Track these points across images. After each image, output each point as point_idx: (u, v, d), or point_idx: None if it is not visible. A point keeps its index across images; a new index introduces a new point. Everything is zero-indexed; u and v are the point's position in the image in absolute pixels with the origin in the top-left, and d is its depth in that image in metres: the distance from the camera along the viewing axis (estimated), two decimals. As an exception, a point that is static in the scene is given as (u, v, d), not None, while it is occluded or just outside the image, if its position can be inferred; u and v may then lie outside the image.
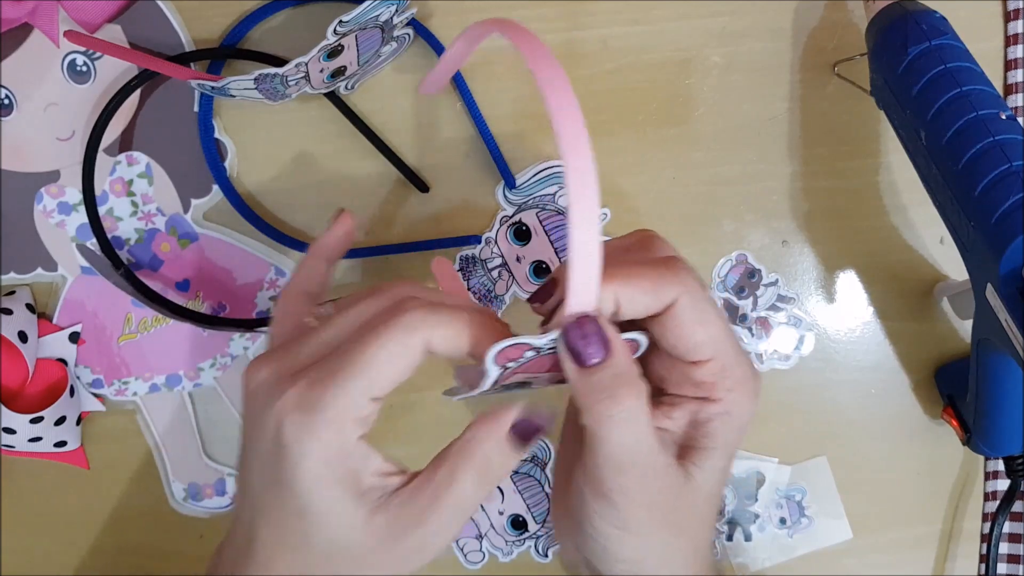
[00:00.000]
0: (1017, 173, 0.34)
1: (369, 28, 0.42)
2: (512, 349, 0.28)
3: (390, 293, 0.31)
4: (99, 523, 0.51)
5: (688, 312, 0.30)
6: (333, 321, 0.31)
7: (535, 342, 0.28)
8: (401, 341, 0.29)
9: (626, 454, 0.29)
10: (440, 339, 0.29)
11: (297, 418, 0.28)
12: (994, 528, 0.47)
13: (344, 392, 0.28)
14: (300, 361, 0.30)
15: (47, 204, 0.48)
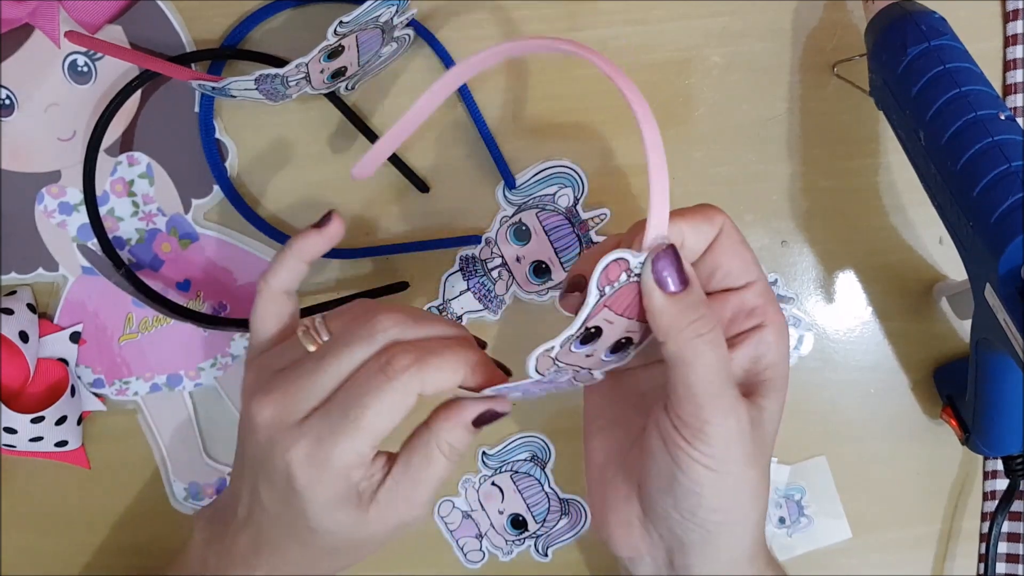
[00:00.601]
0: (1016, 173, 0.34)
1: (369, 29, 0.42)
2: (613, 266, 0.30)
3: (376, 337, 0.34)
4: (100, 523, 0.51)
5: (734, 233, 0.33)
6: (327, 366, 0.34)
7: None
8: (396, 401, 0.32)
9: (716, 378, 0.31)
10: (432, 387, 0.33)
11: (308, 471, 0.33)
12: (993, 527, 0.47)
13: (349, 449, 0.33)
14: (303, 408, 0.34)
15: (48, 204, 0.48)
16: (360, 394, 0.32)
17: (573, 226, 0.48)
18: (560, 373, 0.33)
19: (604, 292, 0.31)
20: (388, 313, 0.34)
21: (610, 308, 0.31)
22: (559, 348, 0.31)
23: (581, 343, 0.32)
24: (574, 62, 0.47)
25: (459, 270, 0.48)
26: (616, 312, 0.32)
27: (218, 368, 0.49)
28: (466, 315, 0.49)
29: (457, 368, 0.33)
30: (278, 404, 0.34)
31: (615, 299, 0.31)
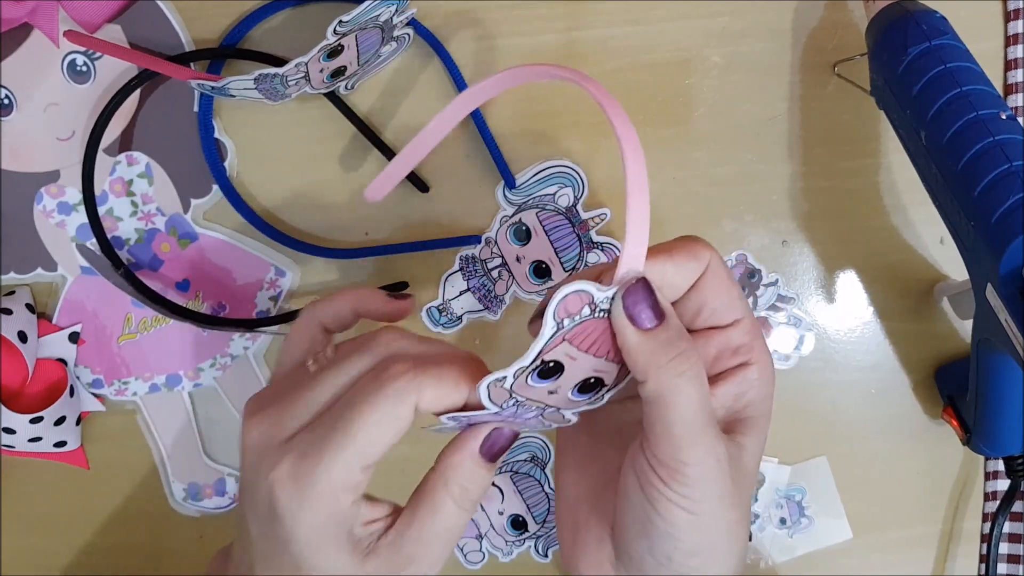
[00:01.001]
0: (1017, 173, 0.34)
1: (369, 28, 0.42)
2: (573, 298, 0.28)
3: (376, 349, 0.32)
4: (99, 523, 0.51)
5: (721, 269, 0.32)
6: (322, 379, 0.31)
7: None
8: (389, 410, 0.29)
9: (696, 417, 0.29)
10: (430, 400, 0.30)
11: (290, 489, 0.29)
12: (994, 528, 0.47)
13: (334, 465, 0.29)
14: (292, 425, 0.31)
15: (47, 204, 0.48)
16: (350, 404, 0.30)
17: (573, 226, 0.48)
18: (524, 409, 0.31)
19: (562, 325, 0.28)
20: (390, 330, 0.33)
21: (571, 343, 0.29)
22: (512, 379, 0.29)
23: (540, 377, 0.30)
24: (574, 62, 0.47)
25: (459, 270, 0.48)
26: (579, 348, 0.30)
27: (217, 368, 0.49)
28: (466, 315, 0.48)
29: (459, 382, 0.30)
30: (267, 422, 0.31)
31: (577, 334, 0.29)
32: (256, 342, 0.49)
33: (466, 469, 0.31)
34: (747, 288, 0.48)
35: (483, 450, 0.31)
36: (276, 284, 0.49)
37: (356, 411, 0.29)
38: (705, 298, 0.31)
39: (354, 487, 0.30)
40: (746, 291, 0.48)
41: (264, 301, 0.49)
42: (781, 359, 0.49)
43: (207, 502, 0.50)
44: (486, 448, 0.31)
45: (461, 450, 0.31)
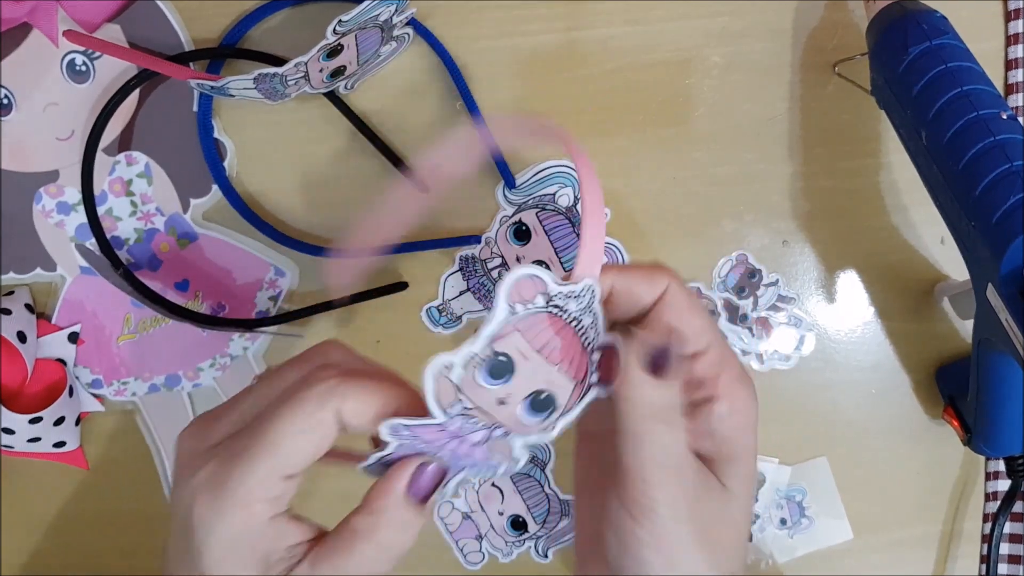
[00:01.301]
0: (1018, 173, 0.34)
1: (369, 28, 0.42)
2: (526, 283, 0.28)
3: (312, 360, 0.31)
4: (98, 523, 0.51)
5: (681, 297, 0.30)
6: (256, 388, 0.30)
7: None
8: (309, 415, 0.28)
9: (669, 456, 0.29)
10: (353, 411, 0.28)
11: (206, 498, 0.28)
12: (995, 529, 0.47)
13: (251, 473, 0.28)
14: (218, 434, 0.30)
15: (46, 204, 0.48)
16: (272, 409, 0.28)
17: (573, 226, 0.48)
18: (470, 423, 0.29)
19: (515, 310, 0.28)
20: (335, 343, 0.32)
21: (524, 336, 0.29)
22: (461, 369, 0.28)
23: (490, 375, 0.28)
24: (574, 62, 0.47)
25: (459, 270, 0.48)
26: (532, 345, 0.29)
27: (217, 368, 0.49)
28: (466, 315, 0.48)
29: (387, 396, 0.28)
30: (198, 430, 0.30)
31: (530, 327, 0.28)
32: (256, 342, 0.49)
33: (391, 516, 0.29)
34: (747, 288, 0.48)
35: (411, 490, 0.29)
36: (276, 284, 0.48)
37: (276, 417, 0.28)
38: (662, 320, 0.30)
39: (273, 499, 0.28)
40: (746, 291, 0.48)
41: (264, 301, 0.49)
42: (782, 359, 0.49)
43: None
44: (413, 488, 0.29)
45: (386, 494, 0.29)
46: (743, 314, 0.48)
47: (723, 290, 0.48)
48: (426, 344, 0.49)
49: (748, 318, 0.48)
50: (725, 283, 0.48)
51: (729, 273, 0.48)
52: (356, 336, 0.49)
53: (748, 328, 0.48)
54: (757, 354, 0.48)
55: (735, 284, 0.48)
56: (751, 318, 0.48)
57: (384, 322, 0.49)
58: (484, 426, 0.29)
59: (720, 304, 0.48)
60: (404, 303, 0.48)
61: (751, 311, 0.48)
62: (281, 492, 0.28)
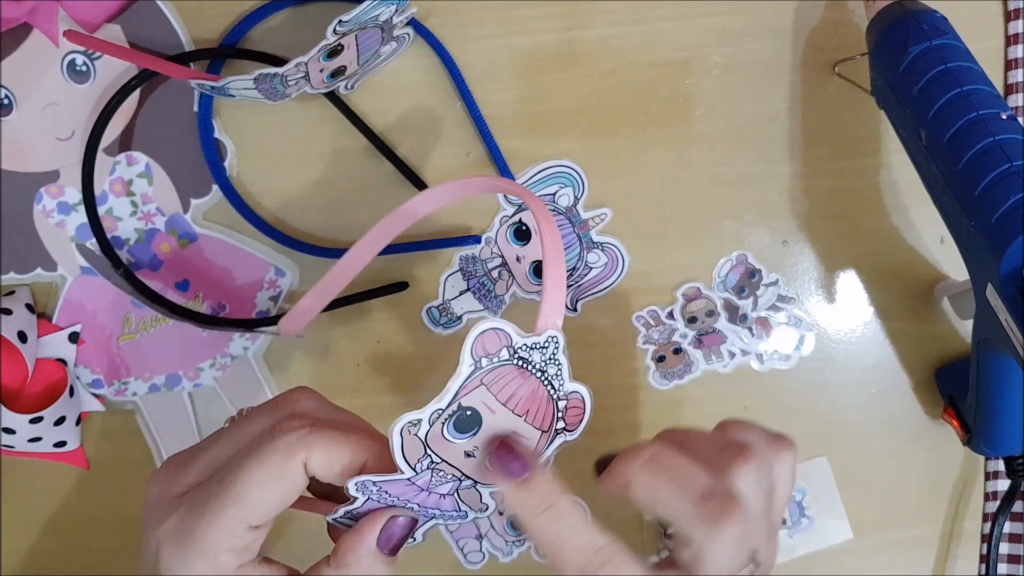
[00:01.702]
0: (1017, 173, 0.34)
1: (369, 28, 0.42)
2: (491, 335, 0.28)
3: (281, 408, 0.31)
4: (98, 523, 0.51)
5: None
6: (224, 435, 0.30)
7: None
8: (276, 466, 0.28)
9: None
10: (320, 463, 0.28)
11: (172, 548, 0.28)
12: (994, 528, 0.47)
13: (217, 523, 0.28)
14: (186, 481, 0.30)
15: (47, 204, 0.48)
16: (239, 458, 0.28)
17: (573, 226, 0.48)
18: (438, 476, 0.30)
19: (480, 364, 0.28)
20: (304, 392, 0.32)
21: (489, 389, 0.29)
22: (428, 425, 0.28)
23: (457, 429, 0.29)
24: (574, 62, 0.47)
25: (459, 270, 0.48)
26: (498, 398, 0.29)
27: (217, 368, 0.49)
28: (466, 315, 0.48)
29: (355, 449, 0.29)
30: (166, 477, 0.30)
31: (495, 380, 0.29)
32: (256, 342, 0.49)
33: (362, 568, 0.29)
34: (747, 288, 0.48)
35: (380, 543, 0.30)
36: (276, 284, 0.48)
37: (242, 468, 0.28)
38: None
39: (240, 549, 0.28)
40: (746, 291, 0.48)
41: (264, 301, 0.49)
42: (781, 359, 0.49)
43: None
44: (384, 540, 0.30)
45: (357, 546, 0.29)
46: (743, 314, 0.48)
47: (723, 290, 0.48)
48: (426, 344, 0.49)
49: (748, 318, 0.48)
50: (725, 283, 0.48)
51: (729, 273, 0.48)
52: (356, 336, 0.49)
53: (748, 328, 0.48)
54: (757, 354, 0.48)
55: (735, 284, 0.48)
56: (751, 318, 0.48)
57: (384, 322, 0.49)
58: (452, 478, 0.30)
59: (720, 304, 0.48)
60: (404, 303, 0.48)
61: (751, 311, 0.48)
62: (248, 542, 0.29)
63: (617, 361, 0.49)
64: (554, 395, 0.31)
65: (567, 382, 0.31)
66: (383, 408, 0.49)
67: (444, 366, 0.49)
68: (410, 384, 0.49)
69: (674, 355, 0.49)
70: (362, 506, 0.30)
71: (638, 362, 0.49)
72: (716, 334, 0.48)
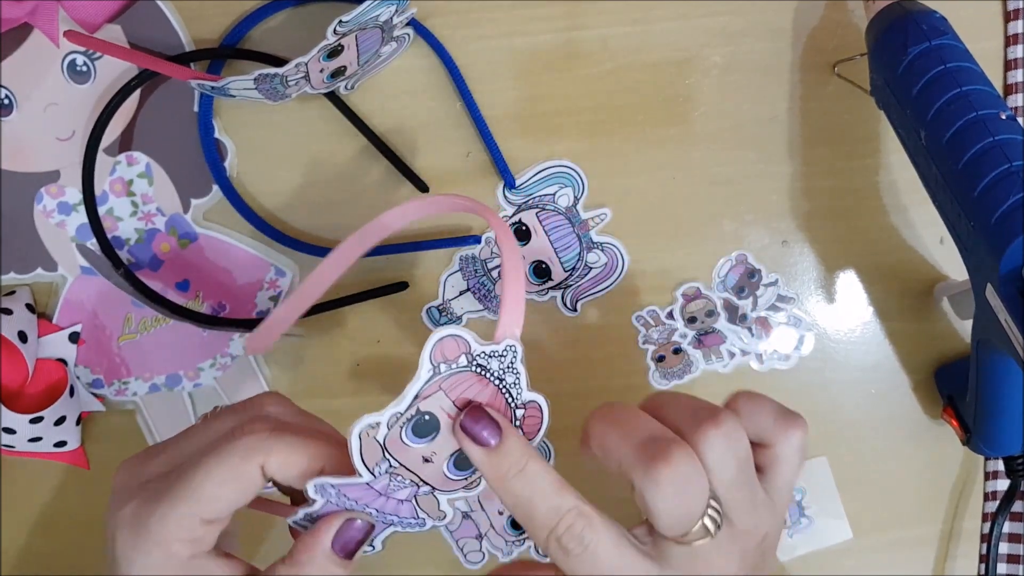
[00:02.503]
0: (1017, 173, 0.34)
1: (369, 28, 0.42)
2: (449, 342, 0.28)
3: (248, 411, 0.31)
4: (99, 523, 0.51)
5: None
6: (191, 432, 0.31)
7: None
8: (232, 467, 0.29)
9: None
10: (278, 465, 0.29)
11: (127, 533, 0.29)
12: (994, 528, 0.47)
13: (171, 514, 0.29)
14: (150, 471, 0.31)
15: (47, 204, 0.48)
16: (200, 455, 0.29)
17: (573, 226, 0.48)
18: (396, 481, 0.30)
19: (439, 370, 0.28)
20: (271, 396, 0.32)
21: (447, 394, 0.29)
22: (387, 428, 0.28)
23: (415, 435, 0.29)
24: (574, 62, 0.47)
25: (459, 270, 0.48)
26: (456, 404, 0.30)
27: (217, 368, 0.49)
28: (466, 315, 0.48)
29: (314, 453, 0.29)
30: (130, 467, 0.32)
31: (453, 387, 0.29)
32: (256, 342, 0.49)
33: (316, 569, 0.30)
34: (747, 288, 0.48)
35: (336, 546, 0.30)
36: (276, 284, 0.49)
37: (200, 465, 0.29)
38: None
39: (194, 540, 0.29)
40: (746, 291, 0.48)
41: (264, 301, 0.49)
42: (781, 359, 0.49)
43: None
44: (339, 544, 0.30)
45: (312, 547, 0.30)
46: (743, 314, 0.48)
47: (723, 290, 0.48)
48: (426, 344, 0.49)
49: (748, 318, 0.48)
50: (725, 283, 0.48)
51: (729, 273, 0.48)
52: (356, 336, 0.49)
53: (748, 328, 0.48)
54: (757, 354, 0.49)
55: (735, 284, 0.48)
56: (751, 318, 0.48)
57: (384, 322, 0.49)
58: (410, 483, 0.30)
59: (720, 304, 0.48)
60: (404, 303, 0.48)
61: (751, 311, 0.48)
62: (201, 535, 0.29)
63: (617, 361, 0.49)
64: (512, 403, 0.31)
65: (525, 391, 0.31)
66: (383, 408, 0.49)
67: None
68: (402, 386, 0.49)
69: (674, 355, 0.49)
70: (321, 509, 0.30)
71: (638, 362, 0.49)
72: (716, 334, 0.48)
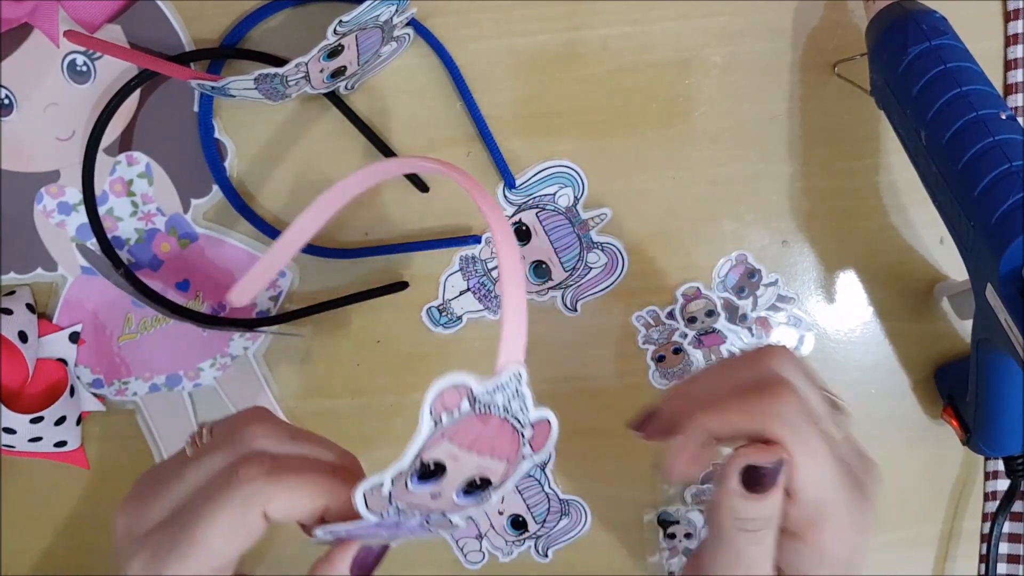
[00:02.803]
0: (1017, 173, 0.34)
1: (369, 28, 0.42)
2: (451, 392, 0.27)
3: (237, 445, 0.31)
4: (99, 523, 0.51)
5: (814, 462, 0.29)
6: (184, 473, 0.31)
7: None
8: (234, 518, 0.28)
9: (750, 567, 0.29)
10: (280, 509, 0.29)
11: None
12: (994, 528, 0.47)
13: (180, 568, 0.28)
14: (151, 519, 0.30)
15: (47, 204, 0.48)
16: (199, 504, 0.29)
17: (573, 226, 0.48)
18: (406, 516, 0.29)
19: (441, 421, 0.27)
20: (262, 423, 0.31)
21: (452, 440, 0.28)
22: (391, 484, 0.27)
23: (420, 481, 0.28)
24: (574, 62, 0.47)
25: (459, 270, 0.48)
26: (462, 446, 0.29)
27: (217, 368, 0.49)
28: (466, 315, 0.48)
29: (316, 494, 0.29)
30: (131, 512, 0.31)
31: (459, 430, 0.28)
32: (256, 342, 0.49)
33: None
34: (747, 288, 0.48)
35: (354, 568, 0.30)
36: (276, 284, 0.49)
37: (202, 517, 0.29)
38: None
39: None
40: (746, 291, 0.48)
41: (264, 301, 0.49)
42: (781, 359, 0.49)
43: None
44: (357, 566, 0.30)
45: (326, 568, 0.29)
46: (743, 314, 0.48)
47: (723, 290, 0.48)
48: (426, 344, 0.49)
49: (748, 318, 0.48)
50: (725, 283, 0.48)
51: (729, 273, 0.48)
52: (356, 336, 0.49)
53: (748, 328, 0.48)
54: (757, 354, 0.48)
55: (735, 284, 0.48)
56: (751, 318, 0.48)
57: (384, 322, 0.49)
58: (420, 514, 0.30)
59: (720, 304, 0.48)
60: (404, 303, 0.48)
61: (751, 311, 0.48)
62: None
63: (617, 361, 0.49)
64: (519, 428, 0.30)
65: (532, 411, 0.30)
66: (383, 408, 0.49)
67: (444, 366, 0.49)
68: (410, 384, 0.49)
69: (674, 355, 0.49)
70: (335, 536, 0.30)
71: (638, 362, 0.49)
72: (716, 334, 0.48)
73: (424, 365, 0.49)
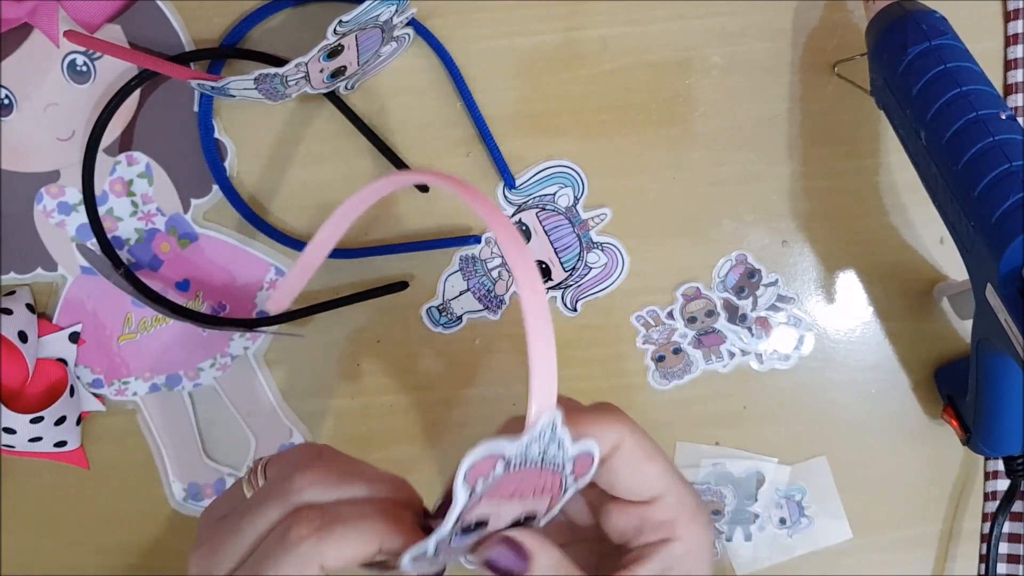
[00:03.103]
0: (1017, 173, 0.34)
1: (369, 28, 0.42)
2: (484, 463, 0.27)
3: (287, 498, 0.31)
4: (99, 523, 0.51)
5: (634, 450, 0.30)
6: (244, 525, 0.31)
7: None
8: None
9: None
10: (335, 560, 0.29)
11: None
12: (994, 528, 0.47)
13: None
14: (222, 568, 0.31)
15: (47, 204, 0.48)
16: (259, 566, 0.30)
17: (573, 226, 0.48)
18: (454, 555, 0.30)
19: (476, 489, 0.27)
20: (307, 472, 0.32)
21: (491, 498, 0.28)
22: (435, 547, 0.28)
23: (464, 534, 0.29)
24: (574, 62, 0.47)
25: (459, 270, 0.48)
26: (501, 499, 0.29)
27: (217, 368, 0.49)
28: (466, 315, 0.48)
29: (368, 540, 0.29)
30: (203, 561, 0.32)
31: (495, 491, 0.28)
32: (256, 342, 0.49)
33: None
34: (747, 288, 0.48)
35: None
36: (276, 284, 0.49)
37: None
38: (615, 477, 0.31)
39: None
40: (746, 291, 0.48)
41: (264, 301, 0.49)
42: (781, 359, 0.49)
43: (207, 502, 0.50)
44: None
45: None
46: (743, 314, 0.48)
47: (723, 290, 0.48)
48: (426, 344, 0.49)
49: (748, 318, 0.48)
50: (725, 283, 0.48)
51: (729, 273, 0.48)
52: (356, 336, 0.49)
53: (748, 328, 0.48)
54: (757, 354, 0.49)
55: (735, 284, 0.48)
56: (751, 318, 0.48)
57: (384, 322, 0.49)
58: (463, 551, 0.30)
59: (720, 304, 0.48)
60: (404, 303, 0.48)
61: (750, 311, 0.48)
62: None
63: (617, 361, 0.49)
64: (560, 469, 0.30)
65: (571, 448, 0.29)
66: (383, 408, 0.49)
67: (444, 366, 0.49)
68: (410, 384, 0.49)
69: (674, 355, 0.49)
70: None
71: (638, 362, 0.49)
72: (716, 334, 0.48)
73: (424, 365, 0.49)
